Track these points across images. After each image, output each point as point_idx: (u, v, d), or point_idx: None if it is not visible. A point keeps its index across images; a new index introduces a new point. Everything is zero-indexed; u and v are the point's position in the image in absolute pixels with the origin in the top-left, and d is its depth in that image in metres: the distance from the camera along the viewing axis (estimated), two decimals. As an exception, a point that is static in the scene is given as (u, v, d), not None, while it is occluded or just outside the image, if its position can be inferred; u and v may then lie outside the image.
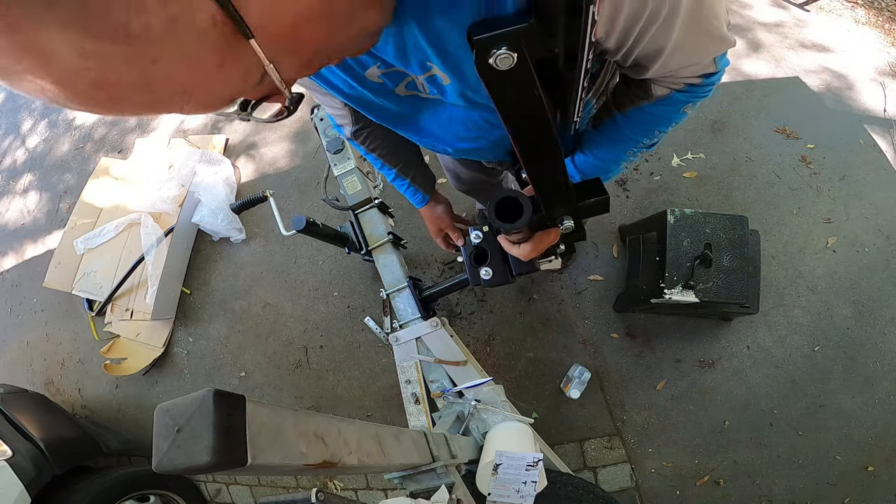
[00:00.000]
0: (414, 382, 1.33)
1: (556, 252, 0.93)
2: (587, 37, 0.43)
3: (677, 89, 0.62)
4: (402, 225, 2.22)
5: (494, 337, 2.02)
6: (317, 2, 0.32)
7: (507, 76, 0.43)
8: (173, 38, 0.25)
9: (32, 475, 1.60)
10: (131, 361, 2.26)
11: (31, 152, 3.26)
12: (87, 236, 2.41)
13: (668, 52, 0.52)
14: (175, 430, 0.38)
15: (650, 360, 1.90)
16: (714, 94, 0.67)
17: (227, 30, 0.27)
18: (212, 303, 2.35)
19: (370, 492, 1.97)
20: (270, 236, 2.38)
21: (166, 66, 0.26)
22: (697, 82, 0.61)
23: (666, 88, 0.63)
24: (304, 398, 2.14)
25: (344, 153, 1.61)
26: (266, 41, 0.29)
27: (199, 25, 0.26)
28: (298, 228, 1.33)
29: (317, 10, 0.32)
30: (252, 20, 0.28)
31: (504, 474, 0.97)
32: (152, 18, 0.23)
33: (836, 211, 1.98)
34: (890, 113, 2.16)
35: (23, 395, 2.05)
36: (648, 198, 2.08)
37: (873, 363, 1.81)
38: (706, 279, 1.49)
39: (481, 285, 1.12)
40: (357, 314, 2.16)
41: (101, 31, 0.22)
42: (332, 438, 0.54)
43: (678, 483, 1.80)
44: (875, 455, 1.74)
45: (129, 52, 0.24)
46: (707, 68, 0.59)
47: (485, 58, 0.41)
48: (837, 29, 2.43)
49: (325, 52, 0.39)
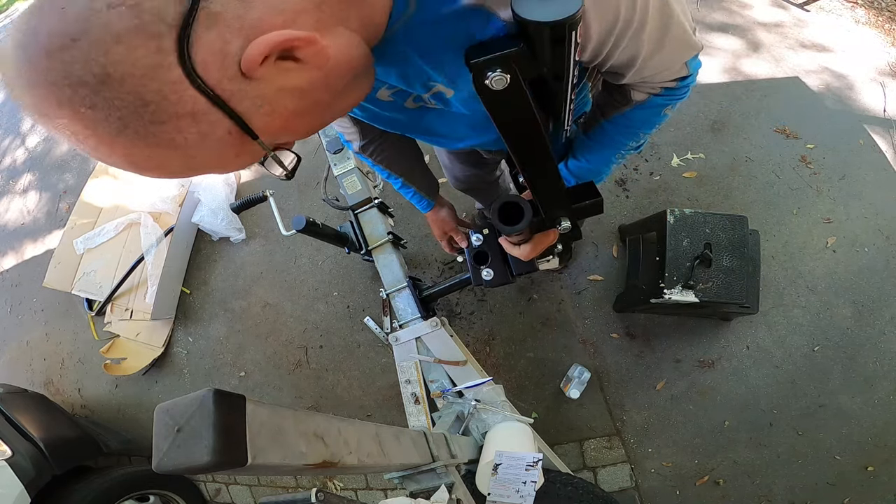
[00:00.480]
0: (414, 382, 1.34)
1: (554, 252, 1.01)
2: (571, 57, 0.47)
3: (655, 94, 0.67)
4: (401, 225, 2.22)
5: (494, 337, 2.02)
6: (301, 104, 0.42)
7: (502, 95, 0.47)
8: (204, 144, 0.38)
9: (32, 475, 1.60)
10: (131, 361, 2.26)
11: (31, 152, 3.26)
12: (86, 236, 2.41)
13: (640, 61, 0.56)
14: (175, 429, 0.38)
15: (650, 360, 1.90)
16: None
17: (239, 135, 0.39)
18: (211, 302, 2.35)
19: (370, 492, 1.97)
20: (270, 236, 2.38)
21: (201, 159, 0.39)
22: (673, 86, 0.66)
23: (644, 94, 0.67)
24: (304, 398, 2.14)
25: (344, 153, 1.61)
26: (267, 138, 0.42)
27: (220, 135, 0.38)
28: (298, 228, 1.33)
29: (303, 109, 0.42)
30: (255, 126, 0.39)
31: (504, 474, 0.97)
32: (188, 135, 0.36)
33: (836, 211, 1.99)
34: (890, 113, 2.16)
35: (22, 394, 2.05)
36: (648, 198, 2.08)
37: (873, 363, 1.82)
38: (706, 279, 1.49)
39: (483, 285, 1.15)
40: (357, 314, 2.16)
41: (159, 142, 0.36)
42: (332, 438, 0.54)
43: (678, 483, 1.80)
44: (875, 455, 1.74)
45: (177, 154, 0.37)
46: (680, 72, 0.64)
47: (481, 79, 0.46)
48: (837, 29, 2.43)
49: (318, 127, 0.48)
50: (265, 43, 0.34)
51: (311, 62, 0.39)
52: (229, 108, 0.36)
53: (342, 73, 0.43)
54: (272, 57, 0.36)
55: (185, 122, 0.35)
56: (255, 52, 0.34)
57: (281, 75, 0.38)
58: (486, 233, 1.17)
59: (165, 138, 0.35)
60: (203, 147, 0.38)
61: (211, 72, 0.34)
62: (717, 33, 2.37)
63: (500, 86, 0.46)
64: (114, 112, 0.32)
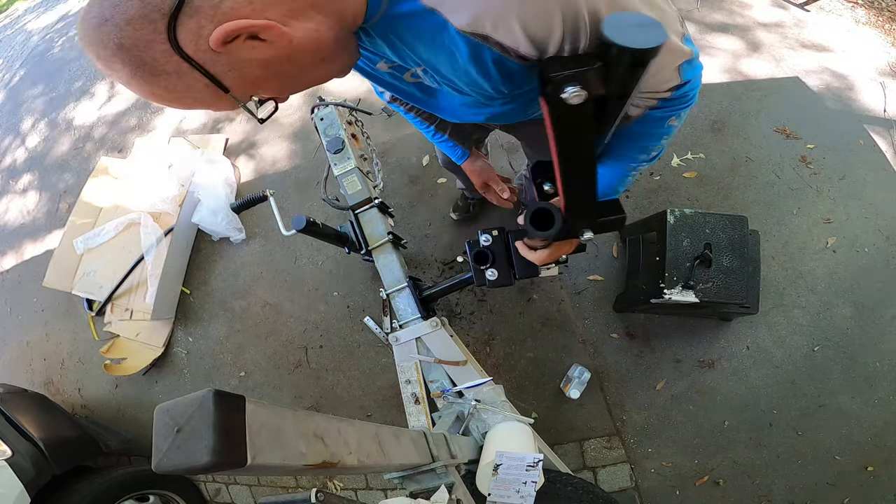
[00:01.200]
0: (414, 382, 1.34)
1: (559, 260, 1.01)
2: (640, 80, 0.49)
3: (651, 106, 0.65)
4: (402, 225, 2.22)
5: (494, 337, 2.02)
6: (267, 72, 0.54)
7: (575, 110, 0.49)
8: (190, 91, 0.52)
9: (32, 475, 1.60)
10: (131, 361, 2.26)
11: (31, 152, 3.26)
12: (86, 236, 2.41)
13: None
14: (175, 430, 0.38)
15: (650, 360, 1.90)
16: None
17: (214, 88, 0.53)
18: (211, 303, 2.35)
19: (370, 492, 1.97)
20: (270, 236, 2.38)
21: (192, 99, 0.54)
22: (667, 96, 0.64)
23: (639, 108, 0.66)
24: (304, 398, 2.14)
25: (344, 153, 1.61)
26: (237, 93, 0.55)
27: (201, 87, 0.52)
28: (298, 228, 1.33)
29: (269, 75, 0.54)
30: (227, 84, 0.53)
31: (504, 474, 0.97)
32: (178, 84, 0.51)
33: (836, 211, 1.99)
34: (890, 113, 2.16)
35: (22, 394, 2.05)
36: (648, 198, 2.08)
37: (873, 363, 1.82)
38: (706, 279, 1.49)
39: (486, 285, 1.16)
40: (357, 314, 2.16)
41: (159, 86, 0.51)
42: (331, 438, 0.54)
43: (678, 483, 1.80)
44: (875, 455, 1.74)
45: (174, 94, 0.52)
46: (671, 81, 0.62)
47: (557, 93, 0.48)
48: (837, 29, 2.43)
49: (290, 89, 0.60)
50: (224, 28, 0.47)
51: (275, 42, 0.50)
52: (204, 69, 0.50)
53: (308, 51, 0.54)
54: (242, 37, 0.49)
55: (174, 77, 0.50)
56: (218, 34, 0.47)
57: (247, 50, 0.50)
58: (495, 234, 1.19)
59: (162, 84, 0.51)
60: (190, 93, 0.53)
61: (189, 46, 0.48)
62: (717, 33, 2.37)
63: (577, 101, 0.48)
64: (127, 65, 0.48)
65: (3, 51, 4.57)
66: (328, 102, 1.62)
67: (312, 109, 1.65)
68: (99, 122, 3.11)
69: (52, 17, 4.50)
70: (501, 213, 2.17)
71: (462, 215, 2.13)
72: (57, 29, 4.23)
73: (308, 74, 0.58)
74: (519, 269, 1.15)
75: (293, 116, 2.65)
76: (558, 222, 0.71)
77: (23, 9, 5.34)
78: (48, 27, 4.36)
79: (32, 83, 3.73)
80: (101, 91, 3.29)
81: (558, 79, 0.47)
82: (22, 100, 3.65)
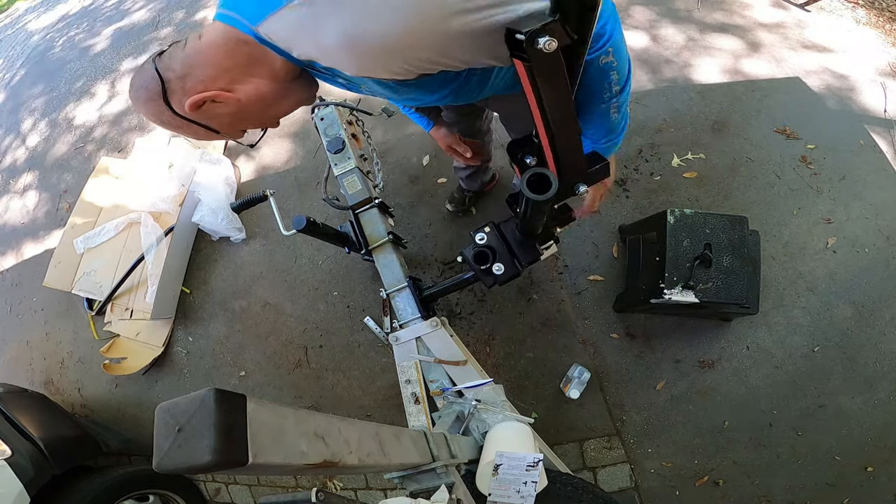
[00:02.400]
0: (414, 382, 1.33)
1: (555, 238, 1.10)
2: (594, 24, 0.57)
3: None
4: (402, 225, 2.22)
5: (494, 337, 2.02)
6: (234, 119, 0.78)
7: (549, 58, 0.56)
8: (199, 133, 0.79)
9: (32, 475, 1.60)
10: (131, 361, 2.26)
11: (32, 151, 3.26)
12: (86, 235, 2.41)
13: None
14: (176, 429, 0.38)
15: (650, 360, 1.90)
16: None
17: (209, 131, 0.79)
18: (211, 302, 2.35)
19: (370, 492, 1.97)
20: (270, 236, 2.38)
21: (202, 136, 0.80)
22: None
23: None
24: (304, 398, 2.14)
25: (344, 153, 1.61)
26: (227, 133, 0.81)
27: (203, 131, 0.79)
28: (299, 228, 1.33)
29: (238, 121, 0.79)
30: (215, 128, 0.78)
31: (504, 474, 0.97)
32: (186, 129, 0.78)
33: (837, 211, 1.99)
34: (890, 113, 2.16)
35: (22, 394, 2.05)
36: (648, 198, 2.08)
37: (873, 363, 1.82)
38: (706, 279, 1.49)
39: (497, 283, 1.16)
40: (357, 314, 2.16)
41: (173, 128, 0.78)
42: (332, 438, 0.54)
43: (677, 483, 1.80)
44: (874, 455, 1.74)
45: (191, 135, 0.80)
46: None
47: (533, 45, 0.54)
48: (838, 29, 2.43)
49: (264, 125, 0.85)
50: (189, 101, 0.71)
51: (227, 102, 0.74)
52: (196, 122, 0.76)
53: (255, 102, 0.75)
54: (208, 101, 0.72)
55: (184, 127, 0.77)
56: (187, 104, 0.72)
57: (216, 108, 0.74)
58: (488, 230, 1.18)
59: (181, 131, 0.78)
60: (199, 134, 0.79)
61: (179, 109, 0.73)
62: (718, 33, 2.37)
63: (551, 48, 0.54)
64: (151, 118, 0.77)
65: (4, 50, 4.57)
66: (328, 102, 1.62)
67: (313, 109, 1.65)
68: (99, 122, 3.11)
69: (53, 17, 4.50)
70: (494, 205, 2.18)
71: (458, 207, 2.14)
72: (57, 29, 4.23)
73: (267, 114, 0.81)
74: (522, 256, 1.15)
75: (294, 116, 2.65)
76: (554, 180, 0.75)
77: (23, 8, 5.34)
78: (49, 27, 4.36)
79: (33, 83, 3.73)
80: (101, 91, 3.29)
81: (529, 34, 0.53)
82: (22, 99, 3.65)
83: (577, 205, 1.11)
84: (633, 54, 2.36)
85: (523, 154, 0.83)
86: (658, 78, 2.29)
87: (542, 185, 0.75)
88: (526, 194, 0.75)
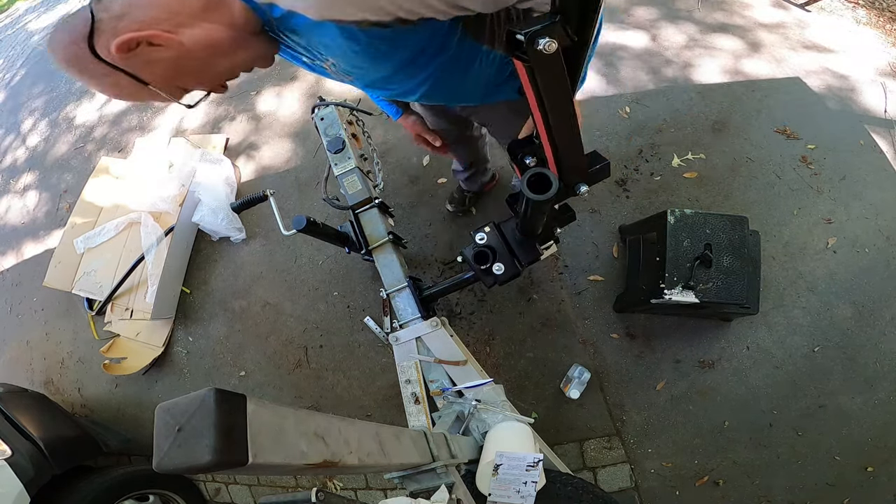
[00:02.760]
0: (414, 382, 1.33)
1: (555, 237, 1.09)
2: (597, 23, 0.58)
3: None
4: (402, 225, 2.22)
5: (494, 337, 2.02)
6: (171, 69, 0.67)
7: (550, 60, 0.56)
8: (122, 85, 0.67)
9: (32, 475, 1.60)
10: (131, 361, 2.26)
11: (32, 151, 3.26)
12: (87, 235, 2.41)
13: None
14: (176, 429, 0.38)
15: (650, 360, 1.90)
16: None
17: (137, 82, 0.66)
18: (211, 302, 2.35)
19: (370, 492, 1.97)
20: (270, 236, 2.38)
21: (127, 92, 0.69)
22: None
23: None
24: (304, 398, 2.13)
25: (344, 153, 1.61)
26: (159, 86, 0.68)
27: (127, 82, 0.66)
28: (299, 228, 1.33)
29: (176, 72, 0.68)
30: (144, 79, 0.66)
31: (504, 475, 0.97)
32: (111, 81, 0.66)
33: (837, 211, 1.98)
34: (890, 113, 2.16)
35: (22, 394, 2.05)
36: (648, 198, 2.08)
37: (873, 364, 1.82)
38: (706, 280, 1.49)
39: (497, 283, 1.16)
40: (357, 314, 2.16)
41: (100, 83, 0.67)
42: (332, 438, 0.54)
43: (677, 483, 1.80)
44: (874, 455, 1.74)
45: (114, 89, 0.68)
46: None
47: (533, 47, 0.54)
48: (838, 29, 2.43)
49: (207, 83, 0.74)
50: (118, 41, 0.61)
51: (167, 45, 0.63)
52: (121, 69, 0.64)
53: (202, 49, 0.66)
54: (143, 44, 0.62)
55: (105, 77, 0.65)
56: (114, 45, 0.61)
57: (151, 53, 0.64)
58: (488, 230, 1.18)
59: (101, 82, 0.66)
60: (123, 87, 0.67)
61: (104, 54, 0.62)
62: (718, 33, 2.37)
63: (552, 50, 0.54)
64: (72, 70, 0.65)
65: (4, 50, 4.57)
66: (328, 102, 1.62)
67: (313, 109, 1.65)
68: (99, 122, 3.11)
69: (53, 17, 4.51)
70: (494, 205, 2.18)
71: (458, 207, 2.14)
72: (57, 28, 4.23)
73: (214, 67, 0.70)
74: (522, 257, 1.15)
75: (293, 116, 2.65)
76: (554, 181, 0.75)
77: (24, 8, 5.34)
78: (49, 27, 4.36)
79: (33, 83, 3.73)
80: (101, 91, 3.29)
81: (532, 33, 0.53)
82: (23, 99, 3.65)
83: (577, 205, 1.11)
84: (634, 54, 2.37)
85: (524, 154, 0.84)
86: (658, 78, 2.29)
87: (543, 185, 0.75)
88: (526, 194, 0.75)
